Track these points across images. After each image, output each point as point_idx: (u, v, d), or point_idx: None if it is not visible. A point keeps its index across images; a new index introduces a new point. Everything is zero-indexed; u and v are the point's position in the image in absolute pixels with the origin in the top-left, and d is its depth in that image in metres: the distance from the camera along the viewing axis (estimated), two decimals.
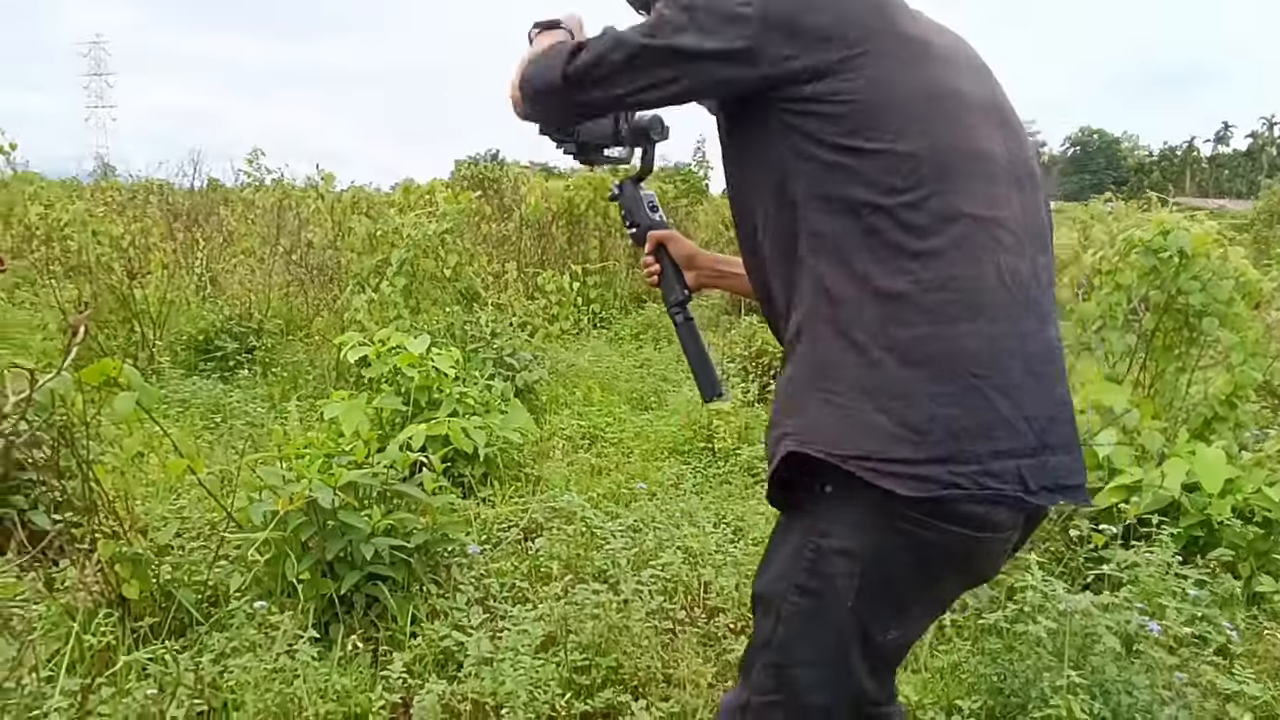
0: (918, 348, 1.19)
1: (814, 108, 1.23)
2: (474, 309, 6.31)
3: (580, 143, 1.69)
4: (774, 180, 1.28)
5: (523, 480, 4.28)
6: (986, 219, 1.23)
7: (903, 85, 1.24)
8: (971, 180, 1.23)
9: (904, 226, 1.20)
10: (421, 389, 4.07)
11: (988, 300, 1.20)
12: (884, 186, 1.21)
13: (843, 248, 1.22)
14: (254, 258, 8.87)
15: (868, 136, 1.22)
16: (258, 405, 5.47)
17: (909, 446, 1.17)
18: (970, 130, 1.27)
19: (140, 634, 2.57)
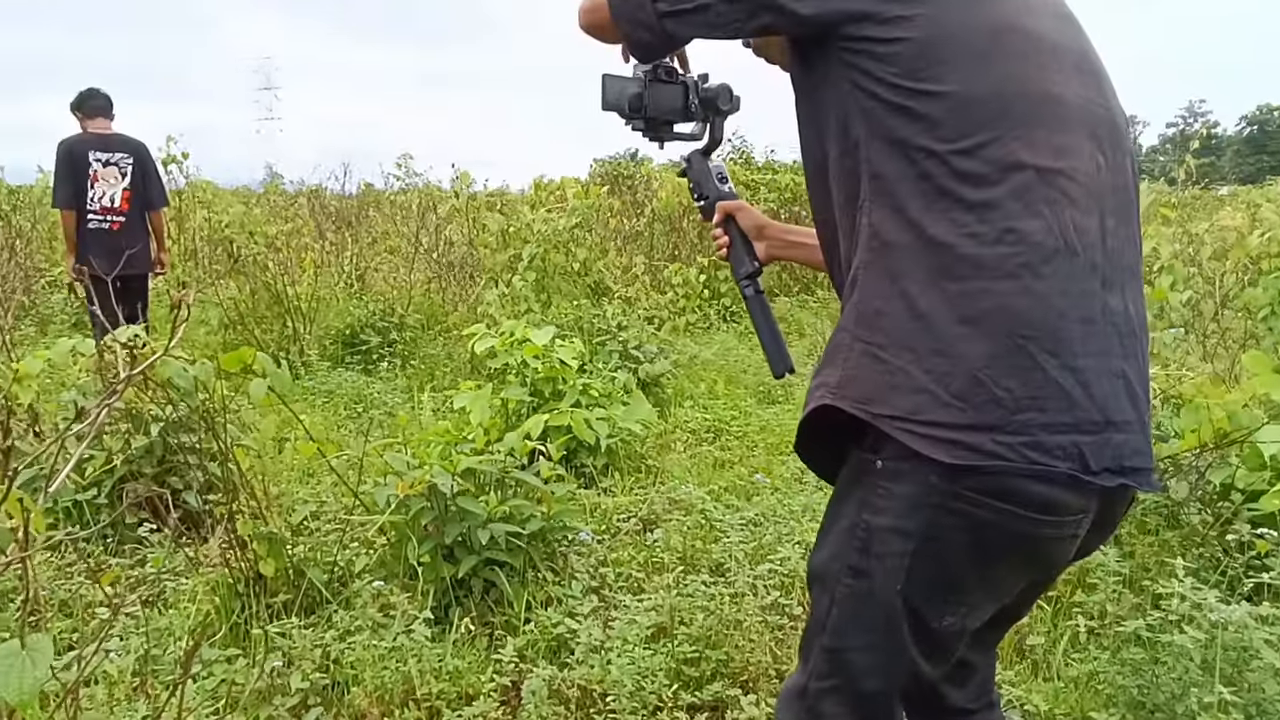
0: (966, 304, 1.10)
1: (869, 47, 1.16)
2: (602, 302, 6.38)
3: (649, 118, 1.65)
4: (839, 122, 1.22)
5: (644, 472, 4.29)
6: (1051, 170, 1.12)
7: (963, 22, 1.15)
8: (1037, 126, 1.13)
9: (958, 175, 1.12)
10: (545, 380, 4.14)
11: (1046, 258, 1.10)
12: (939, 132, 1.13)
13: (897, 192, 1.15)
14: (398, 255, 9.28)
15: (923, 77, 1.14)
16: (396, 396, 5.70)
17: (950, 410, 1.09)
18: (1041, 71, 1.16)
19: (274, 609, 2.71)
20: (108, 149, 5.64)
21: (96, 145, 5.61)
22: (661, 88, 1.64)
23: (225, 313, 6.48)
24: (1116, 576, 2.74)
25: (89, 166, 5.56)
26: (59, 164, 5.56)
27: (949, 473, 1.10)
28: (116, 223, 5.65)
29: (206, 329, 6.40)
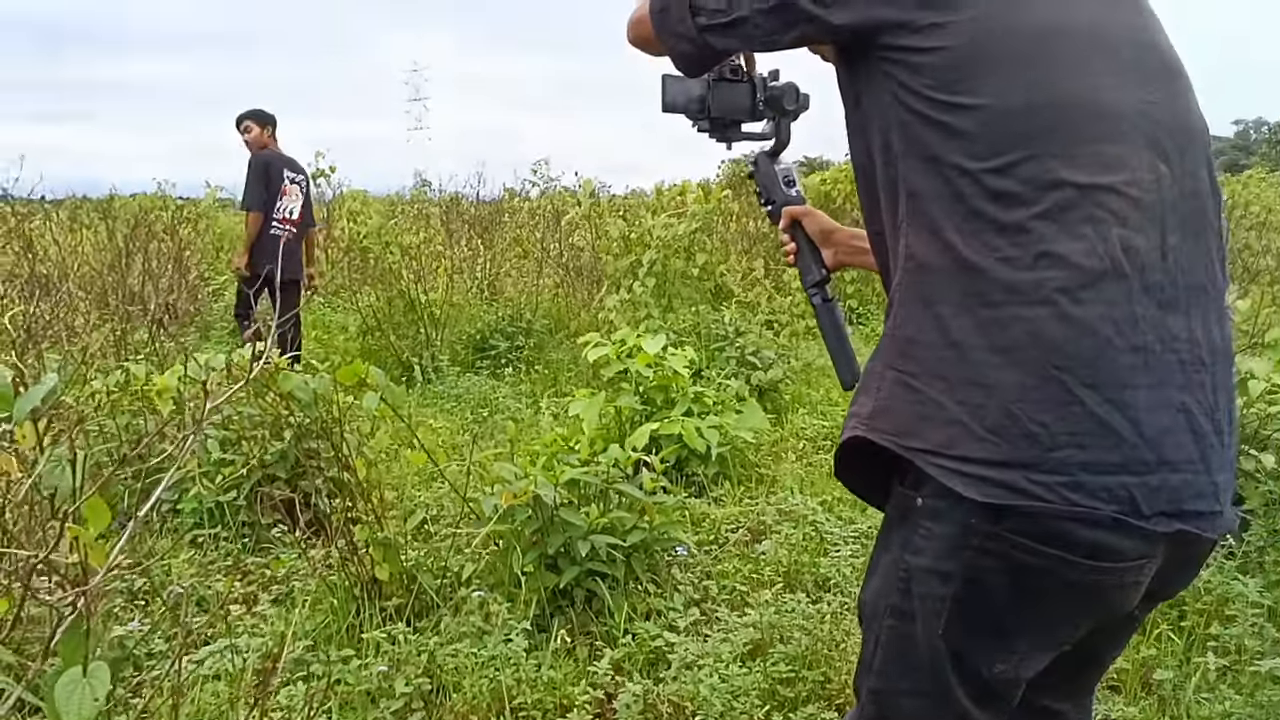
0: (999, 331, 1.04)
1: (903, 57, 1.12)
2: (722, 306, 6.36)
3: (714, 119, 1.63)
4: (882, 134, 1.18)
5: (755, 481, 4.25)
6: (1095, 186, 1.04)
7: (1004, 27, 1.09)
8: (1081, 140, 1.06)
9: (992, 194, 1.06)
10: (657, 388, 4.16)
11: (1087, 282, 1.02)
12: (972, 148, 1.07)
13: (932, 212, 1.10)
14: (530, 259, 9.51)
15: (958, 90, 1.08)
16: (520, 401, 5.86)
17: (983, 445, 1.03)
18: (1089, 77, 1.08)
19: (388, 612, 2.83)
20: (294, 169, 6.32)
21: (287, 164, 6.27)
22: (726, 87, 1.62)
23: (364, 319, 6.81)
24: (1257, 609, 2.54)
25: (282, 181, 6.19)
26: (256, 172, 6.16)
27: (987, 512, 1.05)
28: (291, 233, 6.27)
29: (345, 336, 6.74)
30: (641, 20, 1.37)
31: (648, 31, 1.36)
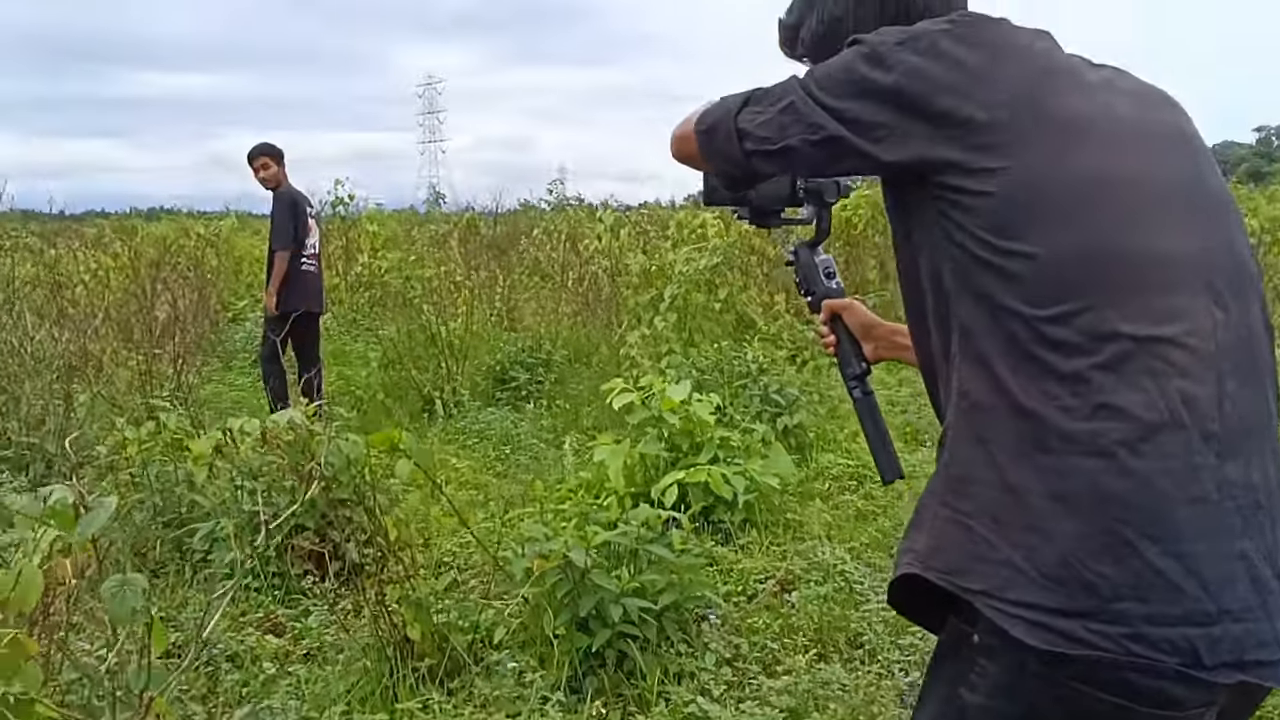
0: (1057, 480, 1.03)
1: (956, 198, 1.12)
2: (744, 338, 6.36)
3: (755, 207, 1.64)
4: (932, 268, 1.18)
5: (782, 526, 4.24)
6: (1153, 338, 1.04)
7: (1059, 176, 1.08)
8: (1137, 291, 1.06)
9: (1048, 342, 1.05)
10: (683, 434, 4.16)
11: (1146, 434, 1.02)
12: (1027, 294, 1.07)
13: (986, 352, 1.10)
14: (548, 282, 9.55)
15: (1012, 235, 1.08)
16: (542, 438, 5.86)
17: (1040, 590, 1.02)
18: (1146, 227, 1.09)
19: (420, 673, 2.84)
20: (309, 203, 6.38)
21: (304, 199, 6.32)
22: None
23: (385, 353, 6.85)
24: None
25: (305, 216, 6.23)
26: (286, 210, 6.17)
27: (1045, 657, 1.03)
28: (317, 266, 6.33)
29: (368, 370, 6.77)
30: (686, 137, 1.37)
31: (692, 149, 1.36)
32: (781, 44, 1.51)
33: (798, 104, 1.21)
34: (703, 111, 1.34)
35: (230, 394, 7.37)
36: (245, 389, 7.70)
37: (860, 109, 1.17)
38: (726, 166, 1.34)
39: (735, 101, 1.30)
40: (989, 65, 1.12)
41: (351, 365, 7.58)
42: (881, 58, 1.16)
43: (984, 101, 1.11)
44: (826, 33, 1.38)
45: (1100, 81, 1.17)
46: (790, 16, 1.47)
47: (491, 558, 3.02)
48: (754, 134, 1.26)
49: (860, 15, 1.35)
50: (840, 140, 1.19)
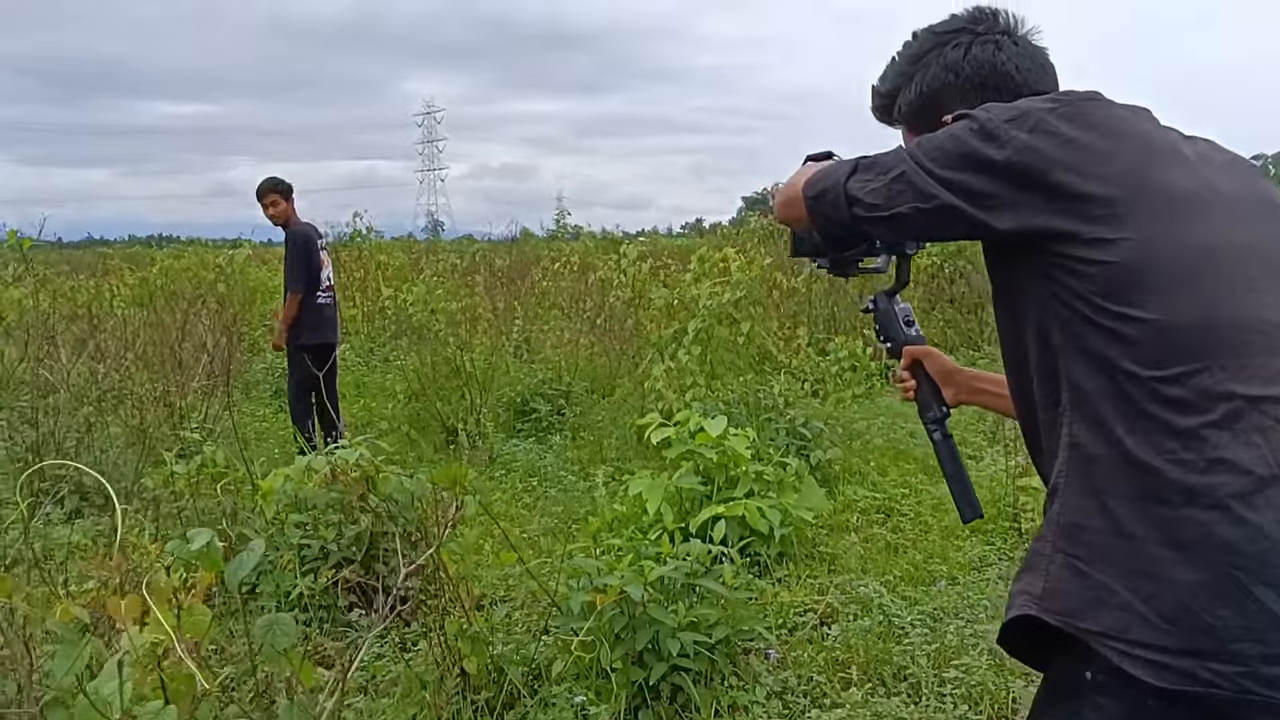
0: (1175, 530, 1.11)
1: (1068, 264, 1.19)
2: (764, 373, 6.44)
3: (835, 259, 1.72)
4: (1036, 319, 1.25)
5: (817, 559, 4.30)
6: (1263, 398, 1.12)
7: (1170, 247, 1.17)
8: (1249, 355, 1.14)
9: (1163, 400, 1.14)
10: (719, 468, 4.23)
11: (1258, 487, 1.10)
12: (1142, 356, 1.15)
13: (1099, 408, 1.17)
14: (563, 316, 9.64)
15: (1127, 301, 1.16)
16: (569, 470, 5.93)
17: (1158, 632, 1.10)
18: (1252, 295, 1.17)
19: (478, 706, 2.89)
20: (320, 235, 6.45)
21: (315, 233, 6.38)
22: None
23: (410, 385, 6.93)
24: None
25: (319, 251, 6.29)
26: (299, 250, 6.23)
27: (1165, 694, 1.11)
28: (333, 299, 6.39)
29: (394, 403, 6.84)
30: (793, 202, 1.44)
31: (800, 213, 1.43)
32: (875, 110, 1.59)
33: (909, 174, 1.28)
34: (809, 177, 1.42)
35: (253, 424, 7.44)
36: (268, 419, 7.78)
37: (973, 180, 1.24)
38: (834, 230, 1.42)
39: (844, 169, 1.37)
40: (1099, 143, 1.20)
41: (374, 397, 7.65)
42: (993, 133, 1.23)
43: (1097, 176, 1.18)
44: (924, 103, 1.47)
45: (1197, 156, 1.26)
46: (885, 84, 1.55)
47: (546, 593, 3.08)
48: (864, 200, 1.33)
49: (959, 88, 1.43)
50: (953, 209, 1.26)
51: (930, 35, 1.49)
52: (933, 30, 1.49)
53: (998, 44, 1.43)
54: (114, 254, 27.93)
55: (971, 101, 1.41)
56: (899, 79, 1.52)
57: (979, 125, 1.26)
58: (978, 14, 1.47)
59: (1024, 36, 1.45)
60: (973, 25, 1.45)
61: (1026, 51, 1.44)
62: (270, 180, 6.32)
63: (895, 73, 1.53)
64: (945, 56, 1.45)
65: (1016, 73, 1.41)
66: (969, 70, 1.43)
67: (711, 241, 19.76)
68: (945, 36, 1.46)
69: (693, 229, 68.34)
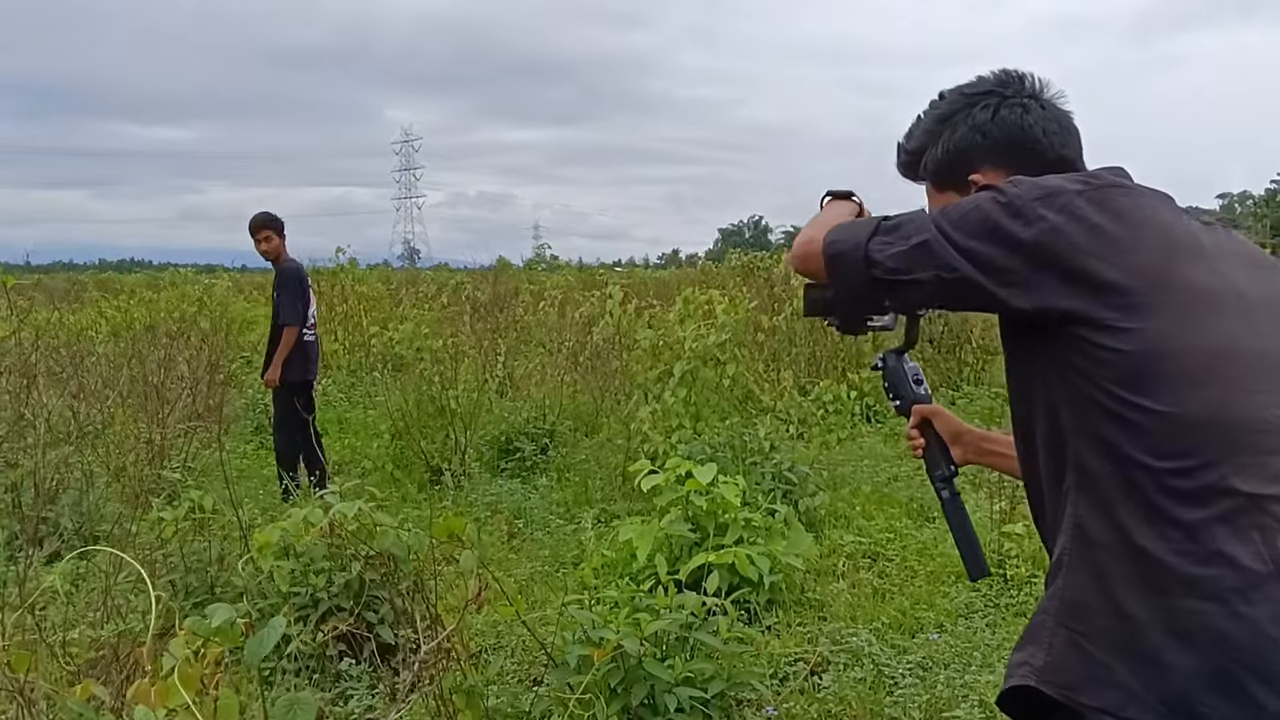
0: (1175, 619, 1.16)
1: (1084, 348, 1.22)
2: (749, 414, 6.49)
3: (843, 315, 1.71)
4: (1046, 396, 1.28)
5: (806, 605, 4.32)
6: (1264, 496, 1.16)
7: (1185, 344, 1.20)
8: (1253, 453, 1.18)
9: (1168, 491, 1.17)
10: (709, 515, 4.25)
11: (1255, 583, 1.14)
12: (1151, 448, 1.18)
13: (1104, 491, 1.21)
14: (545, 351, 9.67)
15: (1138, 391, 1.19)
16: (555, 512, 5.92)
17: (1154, 714, 1.14)
18: (1260, 396, 1.21)
19: None
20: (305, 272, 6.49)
21: (304, 270, 6.46)
22: None
23: (394, 423, 6.90)
24: None
25: (309, 288, 6.34)
26: (293, 284, 6.25)
27: None
28: (316, 334, 6.43)
29: (379, 441, 6.82)
30: (811, 256, 1.44)
31: (817, 267, 1.43)
32: (901, 166, 1.61)
33: (932, 243, 1.30)
34: (829, 235, 1.41)
35: (234, 461, 7.37)
36: (249, 456, 7.71)
37: (996, 256, 1.26)
38: (851, 290, 1.41)
39: (865, 229, 1.37)
40: (1124, 233, 1.24)
41: (357, 435, 7.62)
42: (1020, 210, 1.26)
43: (1120, 266, 1.22)
44: (951, 162, 1.50)
45: (1216, 249, 1.29)
46: (911, 142, 1.58)
47: (540, 645, 3.08)
48: (884, 264, 1.34)
49: (986, 148, 1.46)
50: (972, 282, 1.28)
51: (959, 96, 1.51)
52: (961, 91, 1.51)
53: (1025, 107, 1.45)
54: (87, 280, 27.69)
55: (998, 162, 1.45)
56: (926, 138, 1.54)
57: (1007, 200, 1.27)
58: (1005, 77, 1.50)
59: (1050, 100, 1.48)
60: (1001, 88, 1.48)
61: (1053, 115, 1.46)
62: (264, 215, 6.32)
63: (922, 131, 1.55)
64: (974, 118, 1.47)
65: (1043, 136, 1.44)
66: (996, 132, 1.45)
67: (690, 275, 19.98)
68: (974, 98, 1.49)
69: (670, 260, 68.63)
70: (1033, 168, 1.44)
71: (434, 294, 16.49)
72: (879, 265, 1.34)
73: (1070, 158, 1.47)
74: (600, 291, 8.24)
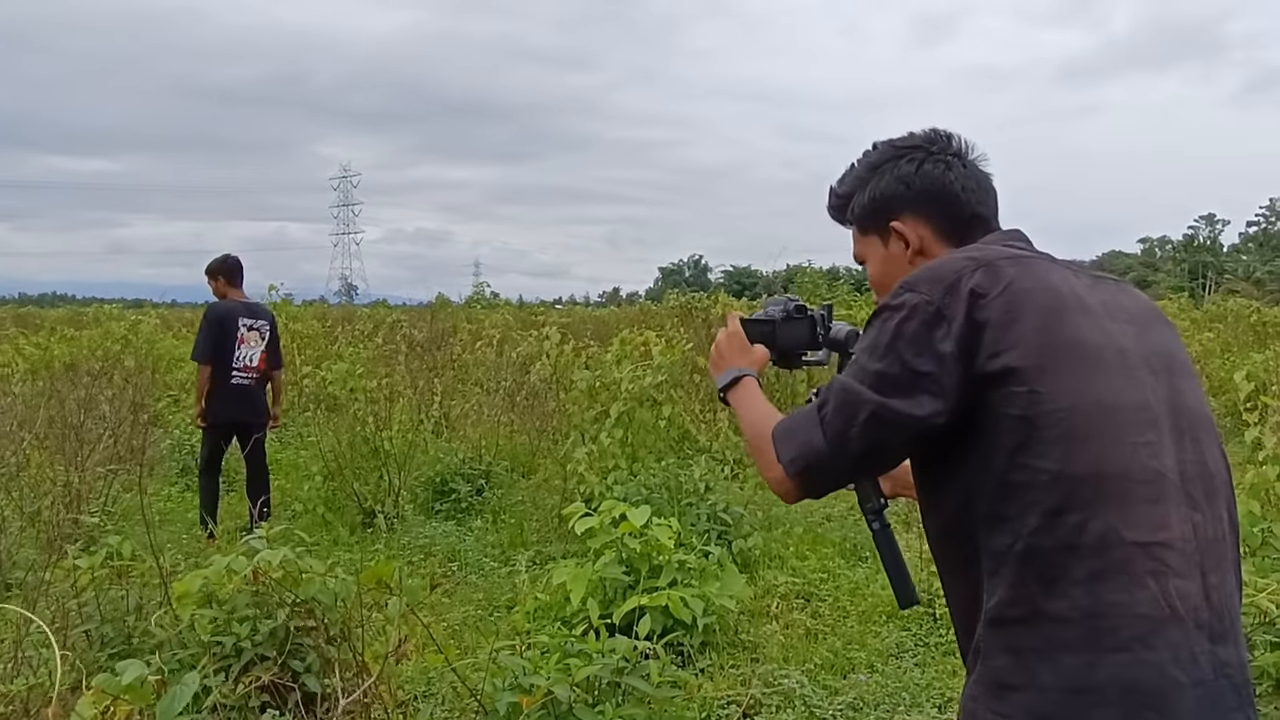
0: (1082, 675, 1.20)
1: (987, 427, 1.28)
2: (684, 454, 6.52)
3: (780, 351, 1.80)
4: (956, 488, 1.33)
5: (739, 647, 4.34)
6: (1151, 544, 1.23)
7: (1071, 401, 1.26)
8: (1138, 504, 1.24)
9: (1065, 549, 1.22)
10: (642, 557, 4.25)
11: (1155, 628, 1.21)
12: (1047, 510, 1.23)
13: (1011, 568, 1.25)
14: (483, 393, 9.58)
15: (1034, 453, 1.25)
16: (489, 554, 5.85)
17: None
18: (1144, 448, 1.27)
19: None
20: (254, 315, 6.37)
21: (244, 312, 6.33)
22: (792, 325, 1.82)
23: (326, 464, 6.77)
24: None
25: (237, 330, 6.23)
26: (208, 323, 6.27)
27: None
28: (254, 380, 6.30)
29: (310, 484, 6.69)
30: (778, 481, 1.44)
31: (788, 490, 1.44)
32: (831, 209, 1.70)
33: (877, 410, 1.32)
34: (782, 453, 1.41)
35: (158, 504, 7.16)
36: (173, 499, 7.49)
37: (927, 404, 1.30)
38: (833, 485, 1.46)
39: (811, 428, 1.38)
40: (1011, 318, 1.30)
41: (288, 476, 7.45)
42: (916, 341, 1.32)
43: (1016, 346, 1.28)
44: (875, 208, 1.59)
45: (1102, 306, 1.37)
46: (842, 187, 1.67)
47: (471, 694, 3.04)
48: (852, 454, 1.36)
49: (908, 198, 1.55)
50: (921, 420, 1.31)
51: (889, 148, 1.61)
52: (892, 144, 1.62)
53: (948, 164, 1.56)
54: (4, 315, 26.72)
55: (918, 211, 1.54)
56: (855, 183, 1.63)
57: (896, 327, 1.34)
58: (934, 135, 1.60)
59: (972, 161, 1.59)
60: (928, 144, 1.58)
61: (973, 174, 1.57)
62: (216, 260, 6.44)
63: (853, 178, 1.64)
64: (899, 169, 1.57)
65: (962, 192, 1.54)
66: (920, 184, 1.55)
67: (629, 314, 20.09)
68: (902, 151, 1.59)
69: (611, 298, 68.88)
70: (948, 220, 1.54)
71: (370, 331, 16.29)
72: (847, 456, 1.36)
73: (984, 215, 1.56)
74: (539, 331, 8.21)
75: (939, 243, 1.54)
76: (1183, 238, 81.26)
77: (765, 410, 1.58)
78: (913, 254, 1.55)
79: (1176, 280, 60.73)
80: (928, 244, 1.55)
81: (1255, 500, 3.84)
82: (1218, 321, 16.40)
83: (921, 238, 1.55)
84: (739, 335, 1.76)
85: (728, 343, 1.75)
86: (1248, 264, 71.42)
